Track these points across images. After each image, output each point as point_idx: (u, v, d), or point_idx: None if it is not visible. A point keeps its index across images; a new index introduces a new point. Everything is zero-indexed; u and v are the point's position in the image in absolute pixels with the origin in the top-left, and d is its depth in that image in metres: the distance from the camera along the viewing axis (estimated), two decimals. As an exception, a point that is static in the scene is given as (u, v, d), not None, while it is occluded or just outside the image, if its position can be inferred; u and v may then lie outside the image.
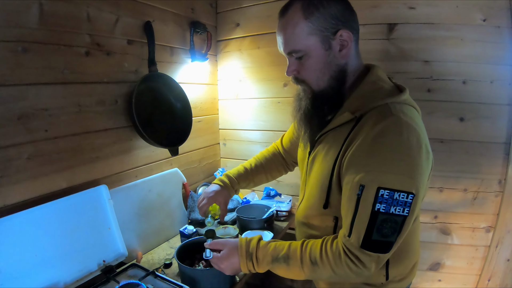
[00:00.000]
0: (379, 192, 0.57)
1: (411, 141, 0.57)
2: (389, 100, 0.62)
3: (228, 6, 1.53)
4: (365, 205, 0.58)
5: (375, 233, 0.58)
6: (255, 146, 1.59)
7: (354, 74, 0.69)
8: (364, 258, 0.60)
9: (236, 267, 0.74)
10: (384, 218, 0.57)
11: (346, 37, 0.64)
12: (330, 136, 0.70)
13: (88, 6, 0.93)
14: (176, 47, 1.31)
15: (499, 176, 1.19)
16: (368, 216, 0.58)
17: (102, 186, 0.97)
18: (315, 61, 0.66)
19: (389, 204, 0.57)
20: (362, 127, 0.62)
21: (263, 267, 0.71)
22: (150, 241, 1.16)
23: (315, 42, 0.64)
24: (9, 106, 0.77)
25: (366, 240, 0.59)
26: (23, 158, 0.81)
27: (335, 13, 0.63)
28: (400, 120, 0.59)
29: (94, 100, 0.98)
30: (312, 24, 0.63)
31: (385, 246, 0.60)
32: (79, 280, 0.86)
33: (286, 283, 1.60)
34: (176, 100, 1.24)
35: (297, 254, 0.68)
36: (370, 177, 0.58)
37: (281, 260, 0.69)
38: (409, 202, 0.57)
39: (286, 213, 1.41)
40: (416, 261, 0.78)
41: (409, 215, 0.58)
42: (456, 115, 1.20)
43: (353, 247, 0.61)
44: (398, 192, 0.56)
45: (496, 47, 1.13)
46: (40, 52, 0.82)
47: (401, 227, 0.59)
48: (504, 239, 1.20)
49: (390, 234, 0.58)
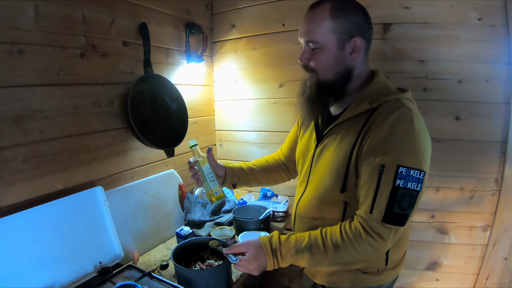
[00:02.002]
0: (398, 169, 0.65)
1: (420, 128, 0.68)
2: (399, 96, 0.73)
3: (223, 7, 1.54)
4: (387, 182, 0.66)
5: (395, 206, 0.66)
6: (251, 147, 1.59)
7: (361, 77, 0.78)
8: (384, 231, 0.67)
9: (263, 266, 0.76)
10: (403, 192, 0.66)
11: (359, 44, 0.74)
12: (342, 128, 0.77)
13: (84, 8, 0.94)
14: (172, 49, 1.32)
15: (496, 175, 1.19)
16: (389, 191, 0.66)
17: (98, 187, 0.97)
18: (327, 56, 0.74)
19: (406, 180, 0.66)
20: (378, 117, 0.70)
21: (287, 261, 0.75)
22: (146, 243, 1.16)
23: (333, 39, 0.73)
24: (5, 108, 0.78)
25: (387, 213, 0.66)
26: (18, 159, 0.81)
27: (357, 22, 0.73)
28: (411, 111, 0.69)
29: (90, 101, 0.98)
30: (336, 24, 0.72)
31: (402, 219, 0.68)
32: (75, 281, 0.86)
33: (284, 284, 1.60)
34: (172, 101, 1.24)
35: (318, 241, 0.72)
36: (389, 157, 0.66)
37: (304, 251, 0.73)
38: (421, 179, 0.66)
39: (282, 214, 1.41)
40: (405, 250, 0.86)
41: (421, 190, 0.67)
42: (452, 114, 1.20)
43: (375, 222, 0.67)
44: (413, 170, 0.66)
45: (491, 46, 1.13)
46: (36, 53, 0.83)
47: (415, 201, 0.67)
48: (501, 237, 1.20)
49: (407, 207, 0.67)
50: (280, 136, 1.51)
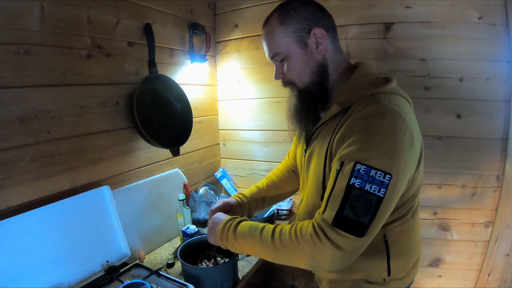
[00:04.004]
0: (355, 166, 0.57)
1: (394, 125, 0.59)
2: (375, 90, 0.65)
3: (226, 8, 1.55)
4: (342, 179, 0.59)
5: (347, 208, 0.57)
6: (254, 146, 1.60)
7: (337, 69, 0.73)
8: (334, 237, 0.57)
9: (212, 228, 0.77)
10: (358, 193, 0.57)
11: (319, 34, 0.70)
12: (322, 131, 0.73)
13: (89, 9, 0.94)
14: (176, 49, 1.32)
15: (497, 172, 1.20)
16: (343, 190, 0.58)
17: (104, 187, 0.98)
18: (295, 60, 0.72)
19: (364, 180, 0.57)
20: (348, 117, 0.64)
21: (231, 233, 0.71)
22: (152, 242, 1.16)
23: (292, 42, 0.71)
24: (12, 108, 0.78)
25: (338, 216, 0.57)
26: (25, 159, 0.81)
27: (307, 15, 0.70)
28: (383, 106, 0.61)
29: (96, 101, 0.99)
30: (287, 27, 0.70)
31: (358, 228, 0.57)
32: (83, 280, 0.86)
33: (288, 282, 1.61)
34: (176, 101, 1.25)
35: (267, 228, 0.67)
36: (349, 153, 0.59)
37: (249, 230, 0.69)
38: (385, 182, 0.56)
39: (286, 212, 1.42)
40: (417, 258, 0.78)
41: (385, 197, 0.57)
42: (453, 112, 1.21)
43: (325, 224, 0.59)
44: (376, 170, 0.56)
45: (491, 44, 1.14)
46: (42, 54, 0.83)
47: (375, 209, 0.57)
48: (503, 234, 1.21)
49: (363, 213, 0.57)
50: (283, 135, 1.52)
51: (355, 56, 1.30)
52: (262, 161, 1.60)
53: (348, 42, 1.30)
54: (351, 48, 1.31)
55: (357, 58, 1.11)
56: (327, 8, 0.74)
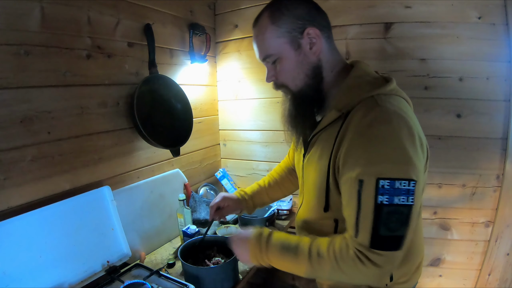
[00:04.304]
0: (379, 183, 0.54)
1: (402, 129, 0.56)
2: (374, 92, 0.62)
3: (226, 8, 1.55)
4: (367, 200, 0.56)
5: (382, 228, 0.55)
6: (255, 146, 1.60)
7: (332, 70, 0.70)
8: (376, 258, 0.56)
9: (246, 252, 0.71)
10: (389, 210, 0.54)
11: (313, 34, 0.66)
12: (321, 137, 0.70)
13: (89, 10, 0.95)
14: (176, 49, 1.32)
15: (497, 171, 1.20)
16: (372, 211, 0.55)
17: (105, 187, 0.98)
18: (288, 62, 0.68)
19: (391, 195, 0.54)
20: (350, 123, 0.61)
21: (271, 254, 0.68)
22: (153, 242, 1.16)
23: (284, 43, 0.67)
24: (12, 109, 0.78)
25: (374, 238, 0.55)
26: (26, 160, 0.82)
27: (300, 14, 0.66)
28: (387, 109, 0.58)
29: (96, 102, 0.99)
30: (280, 28, 0.66)
31: (395, 242, 0.56)
32: (83, 280, 0.87)
33: (288, 282, 1.61)
34: (176, 101, 1.25)
35: (305, 245, 0.65)
36: (367, 170, 0.56)
37: (290, 250, 0.66)
38: (411, 189, 0.54)
39: (287, 212, 1.42)
40: (420, 260, 0.76)
41: (414, 203, 0.55)
42: (453, 112, 1.21)
43: (363, 248, 0.57)
44: (399, 181, 0.54)
45: (491, 44, 1.14)
46: (42, 55, 0.83)
47: (408, 218, 0.55)
48: (503, 233, 1.21)
49: (398, 227, 0.55)
50: (283, 135, 1.49)
51: (355, 56, 1.31)
52: (262, 161, 1.60)
53: (347, 42, 1.31)
54: (350, 48, 1.31)
55: (357, 58, 1.10)
56: (327, 8, 0.72)
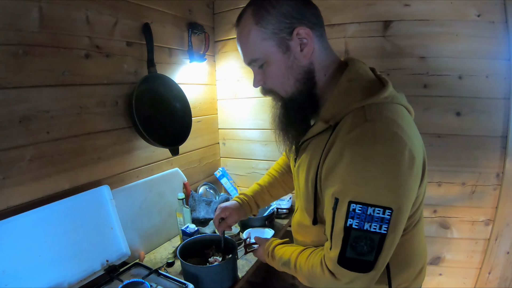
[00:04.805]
0: (350, 206, 0.52)
1: (388, 149, 0.51)
2: (365, 102, 0.56)
3: (225, 7, 1.55)
4: (339, 219, 0.54)
5: (348, 250, 0.54)
6: (254, 145, 1.60)
7: (326, 72, 0.63)
8: (343, 275, 0.57)
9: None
10: (358, 235, 0.52)
11: (303, 34, 0.58)
12: (311, 144, 0.65)
13: (88, 9, 0.95)
14: (175, 48, 1.32)
15: (497, 170, 1.20)
16: (342, 231, 0.54)
17: (104, 186, 0.98)
18: (276, 67, 0.61)
19: (362, 220, 0.51)
20: (337, 136, 0.56)
21: (278, 267, 0.79)
22: (152, 241, 1.16)
23: (271, 46, 0.60)
24: (11, 109, 0.78)
25: (341, 256, 0.55)
26: (25, 160, 0.82)
27: (288, 12, 0.58)
28: (374, 126, 0.52)
29: (95, 101, 0.99)
30: (265, 29, 0.59)
31: (363, 265, 0.54)
32: (83, 280, 0.87)
33: (287, 281, 1.61)
34: (175, 101, 1.25)
35: (292, 260, 0.72)
36: (342, 190, 0.53)
37: (285, 265, 0.75)
38: (386, 218, 0.51)
39: (286, 211, 1.42)
40: (422, 266, 0.72)
41: (388, 233, 0.52)
42: (453, 110, 1.21)
43: (331, 262, 0.58)
44: (373, 207, 0.51)
45: (491, 42, 1.14)
46: (41, 54, 0.83)
47: (379, 245, 0.53)
48: (503, 232, 1.21)
49: (366, 252, 0.53)
50: None
51: (353, 55, 1.30)
52: (261, 159, 1.60)
53: (346, 40, 1.30)
54: (349, 46, 1.31)
55: (356, 57, 1.10)
56: (325, 6, 0.71)
